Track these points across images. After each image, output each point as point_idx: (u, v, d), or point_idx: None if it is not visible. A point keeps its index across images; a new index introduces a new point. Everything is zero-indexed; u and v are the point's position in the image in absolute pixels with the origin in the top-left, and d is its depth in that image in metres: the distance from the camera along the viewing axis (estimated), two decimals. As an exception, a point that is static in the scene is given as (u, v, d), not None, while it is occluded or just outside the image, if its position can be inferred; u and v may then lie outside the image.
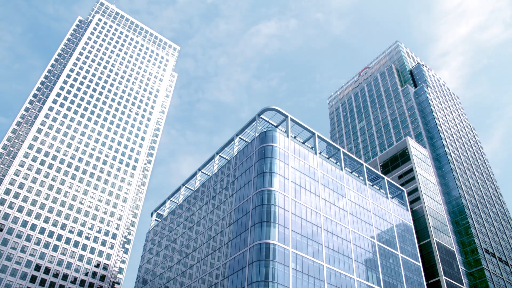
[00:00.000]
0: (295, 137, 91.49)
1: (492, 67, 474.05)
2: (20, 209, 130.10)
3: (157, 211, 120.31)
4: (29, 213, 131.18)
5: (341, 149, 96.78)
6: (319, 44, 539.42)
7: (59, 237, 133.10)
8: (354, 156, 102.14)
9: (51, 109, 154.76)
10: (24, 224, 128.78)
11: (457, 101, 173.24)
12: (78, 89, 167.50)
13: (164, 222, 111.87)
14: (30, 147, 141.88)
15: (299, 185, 80.00)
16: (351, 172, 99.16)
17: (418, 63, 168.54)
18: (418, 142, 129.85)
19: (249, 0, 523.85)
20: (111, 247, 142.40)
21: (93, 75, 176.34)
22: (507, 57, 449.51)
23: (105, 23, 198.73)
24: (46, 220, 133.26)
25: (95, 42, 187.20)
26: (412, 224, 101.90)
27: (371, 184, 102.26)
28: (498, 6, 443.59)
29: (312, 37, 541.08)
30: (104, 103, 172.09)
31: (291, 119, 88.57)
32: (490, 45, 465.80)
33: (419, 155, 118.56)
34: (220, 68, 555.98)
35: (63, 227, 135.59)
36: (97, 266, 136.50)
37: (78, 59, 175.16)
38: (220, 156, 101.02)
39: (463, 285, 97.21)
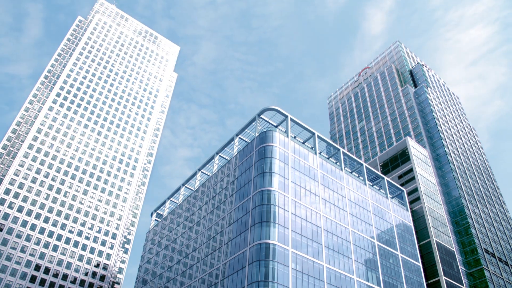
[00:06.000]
0: (295, 137, 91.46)
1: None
2: (20, 209, 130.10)
3: (157, 211, 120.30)
4: (29, 213, 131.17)
5: (341, 149, 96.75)
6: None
7: (59, 237, 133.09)
8: (354, 156, 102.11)
9: (51, 109, 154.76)
10: (24, 224, 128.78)
11: (457, 101, 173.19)
12: (78, 89, 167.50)
13: (164, 222, 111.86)
14: (30, 147, 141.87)
15: (299, 185, 79.99)
16: (351, 172, 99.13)
17: (418, 63, 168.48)
18: (418, 142, 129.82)
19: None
20: (111, 247, 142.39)
21: (93, 75, 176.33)
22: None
23: (105, 23, 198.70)
24: (46, 220, 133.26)
25: (95, 42, 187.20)
26: (412, 224, 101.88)
27: (371, 184, 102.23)
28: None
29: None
30: (104, 103, 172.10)
31: (291, 119, 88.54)
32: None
33: (419, 155, 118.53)
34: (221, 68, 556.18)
35: (63, 227, 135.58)
36: (97, 266, 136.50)
37: (78, 59, 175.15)
38: (220, 156, 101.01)
39: (463, 285, 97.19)
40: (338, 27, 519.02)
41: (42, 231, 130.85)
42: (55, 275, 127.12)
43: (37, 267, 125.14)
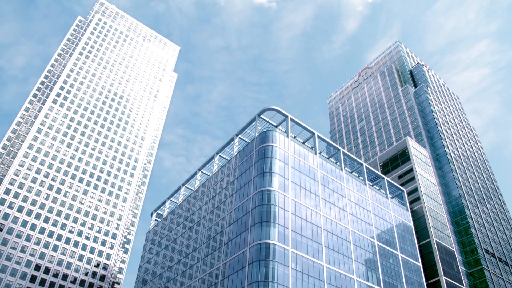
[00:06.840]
0: (295, 137, 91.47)
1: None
2: (20, 209, 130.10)
3: (157, 211, 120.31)
4: (29, 213, 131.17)
5: (341, 149, 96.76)
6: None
7: (59, 237, 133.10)
8: (354, 156, 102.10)
9: (51, 109, 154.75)
10: (24, 224, 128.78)
11: (457, 101, 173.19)
12: (78, 89, 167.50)
13: (164, 222, 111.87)
14: (30, 147, 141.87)
15: (299, 185, 79.99)
16: (351, 172, 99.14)
17: (418, 63, 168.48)
18: (418, 142, 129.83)
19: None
20: (111, 247, 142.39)
21: (93, 75, 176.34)
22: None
23: (105, 23, 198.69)
24: (46, 220, 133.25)
25: (95, 42, 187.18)
26: (412, 224, 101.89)
27: (371, 184, 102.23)
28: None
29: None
30: (104, 103, 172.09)
31: (291, 119, 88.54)
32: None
33: (419, 155, 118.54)
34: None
35: (63, 227, 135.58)
36: (97, 266, 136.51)
37: (78, 59, 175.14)
38: (220, 156, 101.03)
39: (463, 285, 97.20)
40: (342, 69, 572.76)
41: (42, 231, 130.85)
42: (55, 275, 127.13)
43: (37, 267, 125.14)
